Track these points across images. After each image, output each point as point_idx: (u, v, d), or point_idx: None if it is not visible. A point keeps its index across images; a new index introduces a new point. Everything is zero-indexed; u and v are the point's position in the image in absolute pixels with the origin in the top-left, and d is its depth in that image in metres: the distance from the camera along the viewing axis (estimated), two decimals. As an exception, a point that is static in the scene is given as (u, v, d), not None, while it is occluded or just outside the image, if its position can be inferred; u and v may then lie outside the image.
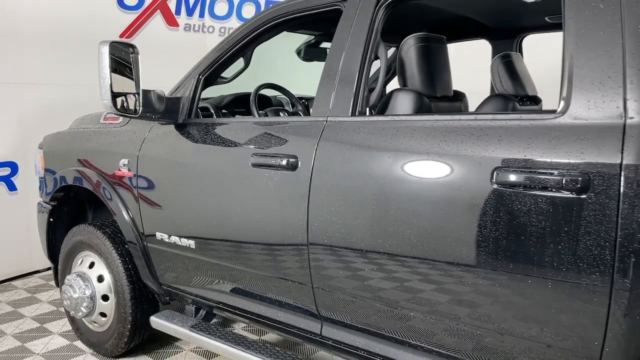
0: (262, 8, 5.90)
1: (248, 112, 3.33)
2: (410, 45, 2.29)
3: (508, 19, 3.05)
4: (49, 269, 4.70)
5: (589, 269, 1.55)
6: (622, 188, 1.48)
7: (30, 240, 4.53)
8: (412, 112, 2.19)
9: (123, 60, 2.43)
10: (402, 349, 2.06)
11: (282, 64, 4.57)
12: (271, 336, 3.43)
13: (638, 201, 1.47)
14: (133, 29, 5.29)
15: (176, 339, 3.46)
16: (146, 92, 2.52)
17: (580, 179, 1.54)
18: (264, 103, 3.37)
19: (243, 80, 3.00)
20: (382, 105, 2.31)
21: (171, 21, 5.54)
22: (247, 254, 2.46)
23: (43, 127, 3.87)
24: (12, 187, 4.62)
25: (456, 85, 2.54)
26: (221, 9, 5.83)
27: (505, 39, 3.18)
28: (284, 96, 3.55)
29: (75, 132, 3.49)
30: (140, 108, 2.47)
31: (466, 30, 3.21)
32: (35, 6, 4.57)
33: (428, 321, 1.94)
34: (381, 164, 1.98)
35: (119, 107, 2.42)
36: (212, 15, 5.79)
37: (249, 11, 5.88)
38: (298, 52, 3.47)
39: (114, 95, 2.35)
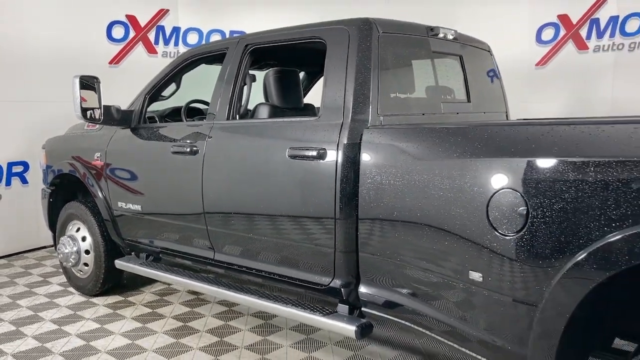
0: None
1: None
2: (269, 75, 3.58)
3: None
4: (51, 245, 6.04)
5: (326, 206, 2.82)
6: (338, 157, 2.77)
7: (38, 222, 5.87)
8: (267, 118, 3.49)
9: (92, 87, 3.76)
10: (255, 261, 3.34)
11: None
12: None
13: (345, 163, 2.75)
14: (120, 56, 6.66)
15: (139, 285, 4.78)
16: (107, 107, 3.85)
17: (322, 152, 2.83)
18: (196, 112, 4.66)
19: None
20: (253, 113, 3.62)
21: (151, 50, 6.91)
22: (171, 211, 3.78)
23: (47, 134, 5.19)
24: (24, 181, 6.00)
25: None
26: (192, 38, 7.20)
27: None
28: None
29: (68, 136, 4.85)
30: (102, 117, 3.79)
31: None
32: (40, 40, 5.91)
33: (262, 242, 3.23)
34: (238, 149, 3.30)
35: (88, 117, 3.74)
36: (185, 43, 7.15)
37: (215, 40, 7.24)
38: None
39: (83, 110, 3.68)
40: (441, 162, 2.33)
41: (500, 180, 2.06)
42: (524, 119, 3.73)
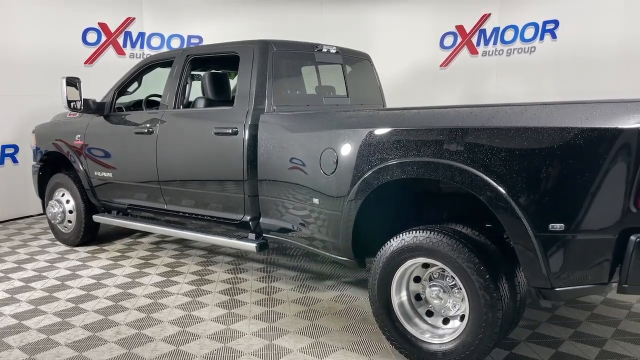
0: (186, 43, 8.59)
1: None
2: (204, 77, 4.94)
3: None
4: (39, 214, 7.35)
5: (237, 170, 4.23)
6: (245, 134, 4.18)
7: (27, 195, 7.16)
8: (202, 107, 4.87)
9: (75, 85, 5.10)
10: (193, 208, 4.74)
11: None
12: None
13: (249, 138, 4.16)
14: (93, 58, 7.95)
15: (112, 239, 6.14)
16: (86, 100, 5.19)
17: (235, 130, 4.24)
18: (154, 104, 6.00)
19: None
20: (193, 104, 5.01)
21: (120, 52, 8.21)
22: (134, 177, 5.16)
23: (33, 121, 6.47)
24: (15, 160, 7.28)
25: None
26: (155, 42, 8.52)
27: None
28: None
29: (54, 122, 6.17)
30: (82, 107, 5.14)
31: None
32: (27, 44, 7.19)
33: (198, 194, 4.63)
34: (181, 129, 4.69)
35: (72, 107, 5.08)
36: (149, 46, 8.46)
37: (175, 43, 8.57)
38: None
39: (69, 102, 5.02)
40: (300, 134, 3.77)
41: (326, 143, 3.50)
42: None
